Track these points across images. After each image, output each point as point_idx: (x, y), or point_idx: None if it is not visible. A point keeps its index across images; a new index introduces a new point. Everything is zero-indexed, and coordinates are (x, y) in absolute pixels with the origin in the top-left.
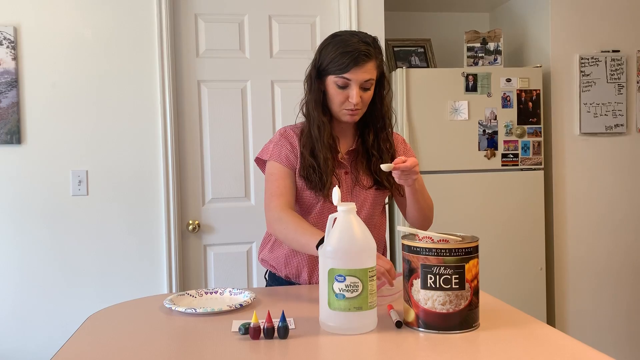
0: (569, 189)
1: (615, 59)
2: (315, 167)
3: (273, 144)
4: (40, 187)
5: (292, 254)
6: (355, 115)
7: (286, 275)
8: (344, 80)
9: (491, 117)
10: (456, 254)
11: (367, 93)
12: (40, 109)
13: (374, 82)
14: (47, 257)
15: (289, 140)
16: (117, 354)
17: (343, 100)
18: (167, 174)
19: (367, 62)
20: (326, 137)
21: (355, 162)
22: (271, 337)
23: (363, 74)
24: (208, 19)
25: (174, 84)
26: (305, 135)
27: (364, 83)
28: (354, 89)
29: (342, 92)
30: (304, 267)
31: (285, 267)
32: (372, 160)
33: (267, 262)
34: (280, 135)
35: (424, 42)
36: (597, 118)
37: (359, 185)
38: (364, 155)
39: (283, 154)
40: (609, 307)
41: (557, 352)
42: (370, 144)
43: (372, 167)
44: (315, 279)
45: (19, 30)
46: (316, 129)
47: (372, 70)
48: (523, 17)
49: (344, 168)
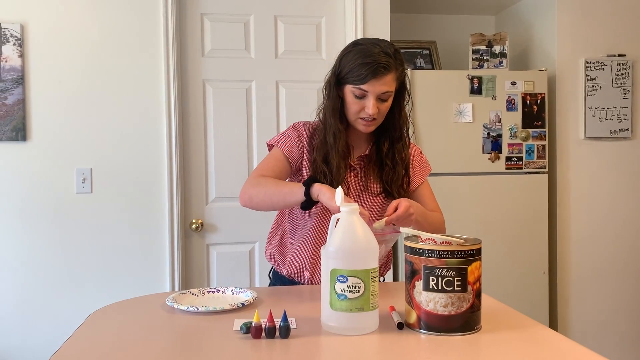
0: (573, 193)
1: (621, 63)
2: (327, 174)
3: (283, 133)
4: (45, 184)
5: (296, 253)
6: (371, 126)
7: (288, 274)
8: (361, 91)
9: (496, 120)
10: (459, 256)
11: (384, 104)
12: (46, 107)
13: (392, 94)
14: (50, 254)
15: (298, 134)
16: (118, 351)
17: (359, 109)
18: (171, 172)
19: (386, 75)
20: (341, 145)
21: (366, 167)
22: (273, 336)
23: (381, 87)
24: (214, 18)
25: (179, 83)
26: (321, 141)
27: (382, 95)
28: (370, 100)
29: (359, 102)
30: (306, 266)
31: (289, 266)
32: (385, 170)
33: (273, 256)
34: (292, 127)
35: (430, 44)
36: (602, 122)
37: (367, 191)
38: (377, 163)
39: (287, 144)
40: (612, 311)
41: (560, 355)
42: (384, 152)
43: (383, 176)
44: (317, 278)
45: (26, 28)
46: (332, 136)
47: (390, 82)
48: (529, 21)
49: (354, 171)
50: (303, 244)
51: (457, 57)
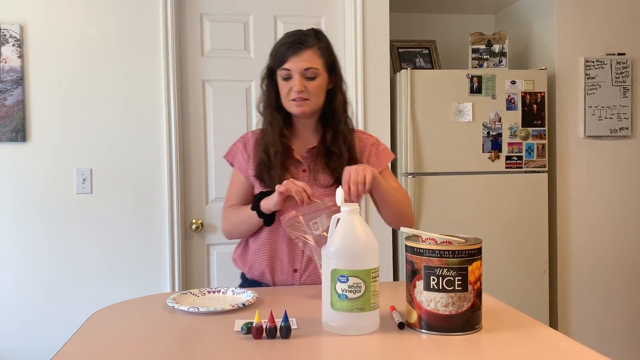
0: (573, 192)
1: (621, 62)
2: (266, 162)
3: (233, 145)
4: (45, 184)
5: (254, 258)
6: (304, 107)
7: (252, 277)
8: (286, 71)
9: (495, 119)
10: (459, 255)
11: (312, 83)
12: (46, 107)
13: (318, 71)
14: (51, 255)
15: (244, 142)
16: (119, 352)
17: (288, 91)
18: (171, 173)
19: (304, 50)
20: (276, 132)
21: (315, 161)
22: (273, 336)
23: (302, 63)
24: (213, 18)
25: (178, 84)
26: (260, 134)
27: (306, 72)
28: (295, 78)
29: (288, 83)
30: (266, 268)
31: (250, 270)
32: (333, 158)
33: (237, 262)
34: (241, 137)
35: (429, 44)
36: (602, 121)
37: (317, 184)
38: (324, 154)
39: (236, 158)
40: (612, 310)
41: (560, 355)
42: (329, 141)
43: (331, 165)
44: (278, 279)
45: (25, 29)
46: (268, 125)
47: (312, 58)
48: (528, 20)
49: (302, 166)
50: (260, 248)
51: (457, 56)
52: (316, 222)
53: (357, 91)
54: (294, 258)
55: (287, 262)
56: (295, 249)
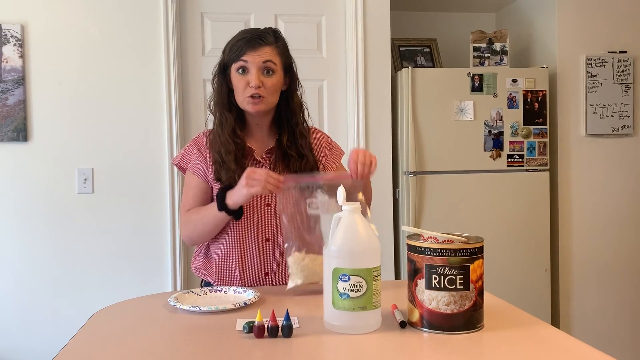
0: (575, 190)
1: (622, 60)
2: (221, 163)
3: (185, 149)
4: (46, 184)
5: (221, 262)
6: (260, 104)
7: (220, 283)
8: (242, 62)
9: (497, 118)
10: (461, 254)
11: (269, 79)
12: (47, 107)
13: (275, 67)
14: (52, 254)
15: (197, 145)
16: (120, 351)
17: (244, 86)
18: (172, 172)
19: (262, 46)
20: (228, 129)
21: (274, 163)
22: (275, 335)
23: (260, 57)
24: (214, 18)
25: (179, 83)
26: (212, 134)
27: (264, 65)
28: (252, 72)
29: (244, 77)
30: (236, 272)
31: (218, 277)
32: (291, 161)
33: (200, 271)
34: (192, 140)
35: (430, 42)
36: (604, 119)
37: None
38: (282, 156)
39: (192, 162)
40: (614, 308)
41: (562, 353)
42: (286, 144)
43: (291, 167)
44: (246, 279)
45: (26, 29)
46: (219, 124)
47: (270, 54)
48: (529, 18)
49: (263, 167)
50: (228, 254)
51: (458, 54)
52: (313, 201)
53: (358, 90)
54: (264, 261)
55: (258, 265)
56: (265, 252)
